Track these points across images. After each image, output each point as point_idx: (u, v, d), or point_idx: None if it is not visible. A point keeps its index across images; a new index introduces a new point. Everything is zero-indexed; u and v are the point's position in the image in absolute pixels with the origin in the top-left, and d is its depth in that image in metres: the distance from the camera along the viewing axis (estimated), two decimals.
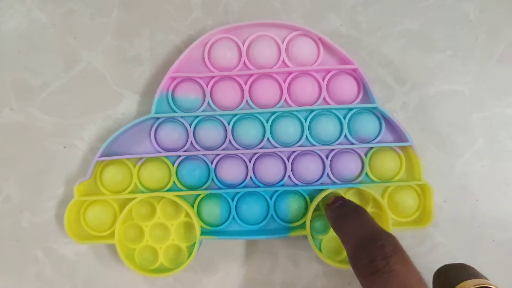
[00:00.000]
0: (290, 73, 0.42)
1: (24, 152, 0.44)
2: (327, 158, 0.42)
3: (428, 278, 0.43)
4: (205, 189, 0.42)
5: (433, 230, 0.43)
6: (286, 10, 0.44)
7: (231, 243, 0.44)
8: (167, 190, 0.42)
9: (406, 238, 0.44)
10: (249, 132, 0.41)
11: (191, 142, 0.41)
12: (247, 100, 0.41)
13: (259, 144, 0.42)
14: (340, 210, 0.37)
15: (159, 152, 0.42)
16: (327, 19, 0.44)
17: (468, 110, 0.44)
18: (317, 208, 0.42)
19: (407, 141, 0.41)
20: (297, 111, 0.42)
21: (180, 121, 0.42)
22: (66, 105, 0.44)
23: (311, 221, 0.41)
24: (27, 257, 0.44)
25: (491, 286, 0.33)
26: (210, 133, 0.41)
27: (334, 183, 0.42)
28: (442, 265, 0.36)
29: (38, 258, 0.44)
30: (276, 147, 0.41)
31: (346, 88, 0.41)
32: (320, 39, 0.41)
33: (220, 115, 0.42)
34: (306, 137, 0.41)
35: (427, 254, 0.44)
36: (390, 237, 0.31)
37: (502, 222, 0.44)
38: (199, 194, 0.42)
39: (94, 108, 0.44)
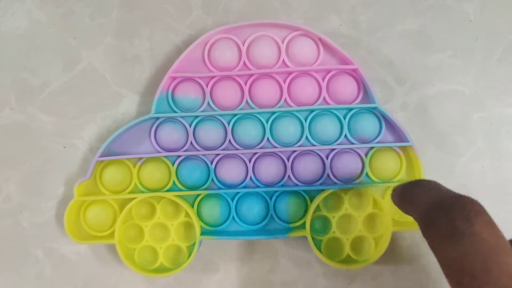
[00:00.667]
0: (290, 73, 0.42)
1: (24, 152, 0.44)
2: (327, 158, 0.42)
3: (428, 280, 0.43)
4: (205, 189, 0.42)
5: None
6: (286, 10, 0.44)
7: (231, 243, 0.44)
8: (167, 190, 0.42)
9: (406, 238, 0.44)
10: (249, 132, 0.41)
11: (191, 142, 0.41)
12: (247, 100, 0.41)
13: (259, 144, 0.42)
14: (404, 186, 0.32)
15: (159, 152, 0.42)
16: (327, 19, 0.44)
17: (468, 110, 0.44)
18: (317, 209, 0.42)
19: (407, 141, 0.41)
20: (297, 111, 0.42)
21: (180, 121, 0.42)
22: (66, 105, 0.44)
23: (311, 221, 0.41)
24: (27, 257, 0.44)
25: None
26: (210, 133, 0.41)
27: (334, 183, 0.42)
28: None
29: (38, 258, 0.44)
30: (276, 147, 0.41)
31: (346, 88, 0.41)
32: (320, 39, 0.41)
33: (220, 115, 0.42)
34: (306, 137, 0.41)
35: (428, 254, 0.44)
36: (473, 200, 0.26)
37: (502, 222, 0.44)
38: (199, 194, 0.42)
39: (94, 108, 0.44)
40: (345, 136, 0.41)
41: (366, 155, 0.42)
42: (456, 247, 0.24)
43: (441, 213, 0.26)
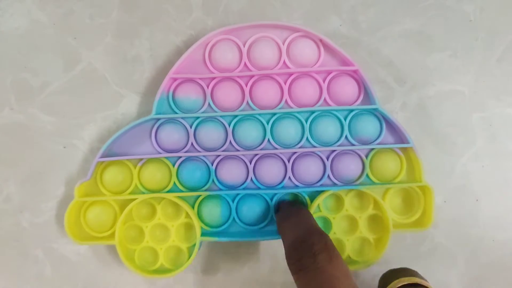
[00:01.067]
0: (291, 74, 0.42)
1: (24, 152, 0.44)
2: (327, 159, 0.42)
3: (426, 278, 0.43)
4: (206, 190, 0.42)
5: (433, 230, 0.43)
6: (286, 10, 0.44)
7: (231, 244, 0.44)
8: (168, 191, 0.42)
9: (406, 238, 0.44)
10: (250, 133, 0.41)
11: (192, 143, 0.41)
12: (247, 101, 0.41)
13: (259, 145, 0.41)
14: (282, 213, 0.39)
15: (160, 153, 0.42)
16: (327, 19, 0.44)
17: (468, 110, 0.44)
18: (317, 210, 0.42)
19: (407, 142, 0.41)
20: (297, 112, 0.42)
21: (180, 122, 0.42)
22: (66, 105, 0.44)
23: None
24: (27, 257, 0.44)
25: (423, 284, 0.35)
26: (211, 134, 0.41)
27: (334, 184, 0.42)
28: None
29: (38, 258, 0.44)
30: (277, 148, 0.41)
31: (347, 89, 0.41)
32: (320, 40, 0.41)
33: (220, 116, 0.42)
34: (307, 138, 0.41)
35: (427, 254, 0.44)
36: (321, 235, 0.33)
37: (502, 222, 0.44)
38: (200, 195, 0.42)
39: (94, 108, 0.44)
40: (346, 137, 0.41)
41: (366, 156, 0.42)
42: (304, 280, 0.30)
43: (293, 251, 0.32)
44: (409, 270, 0.39)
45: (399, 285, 0.35)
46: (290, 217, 0.37)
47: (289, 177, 0.42)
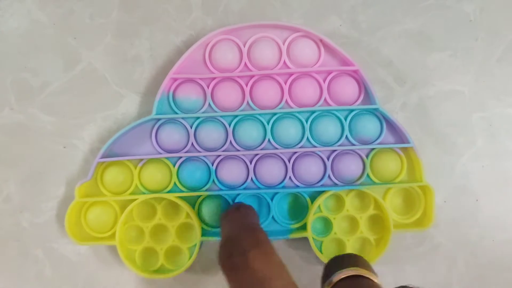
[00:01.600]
0: (291, 74, 0.42)
1: (24, 152, 0.44)
2: (328, 159, 0.42)
3: (426, 278, 0.43)
4: (206, 190, 0.42)
5: (433, 230, 0.43)
6: (286, 10, 0.44)
7: None
8: (168, 192, 0.42)
9: (406, 238, 0.44)
10: (250, 133, 0.41)
11: (192, 143, 0.41)
12: (248, 102, 0.41)
13: (260, 145, 0.41)
14: (223, 213, 0.38)
15: (160, 153, 0.42)
16: (327, 19, 0.44)
17: (468, 110, 0.44)
18: (318, 210, 0.42)
19: (408, 142, 0.41)
20: (298, 112, 0.42)
21: (181, 122, 0.42)
22: (66, 105, 0.44)
23: (312, 222, 0.41)
24: (27, 257, 0.44)
25: (366, 275, 0.33)
26: (211, 134, 0.41)
27: (335, 184, 0.42)
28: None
29: (38, 258, 0.44)
30: (277, 148, 0.41)
31: (347, 89, 0.41)
32: (321, 40, 0.41)
33: (221, 116, 0.42)
34: (307, 138, 0.41)
35: (428, 255, 0.44)
36: (252, 231, 0.32)
37: (502, 222, 0.44)
38: (200, 196, 0.42)
39: (94, 108, 0.44)
40: (346, 137, 0.41)
41: (367, 156, 0.42)
42: (235, 278, 0.29)
43: (224, 249, 0.31)
44: (354, 258, 0.36)
45: (342, 277, 0.33)
46: (227, 216, 0.37)
47: (290, 177, 0.42)
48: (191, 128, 0.41)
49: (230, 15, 0.44)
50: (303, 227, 0.42)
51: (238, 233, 0.32)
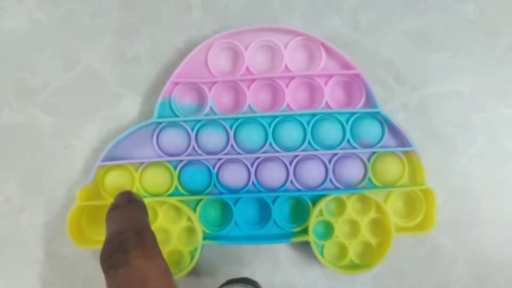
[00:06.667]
0: (293, 78, 0.42)
1: (24, 152, 0.44)
2: (329, 163, 0.42)
3: (426, 278, 0.43)
4: (207, 194, 0.42)
5: (433, 231, 0.43)
6: (286, 10, 0.44)
7: (232, 247, 0.44)
8: (169, 195, 0.42)
9: (406, 238, 0.44)
10: (251, 136, 0.41)
11: (193, 147, 0.41)
12: (249, 105, 0.41)
13: (261, 148, 0.41)
14: (111, 205, 0.37)
15: (161, 157, 0.42)
16: (327, 20, 0.44)
17: (468, 110, 0.44)
18: (319, 214, 0.42)
19: (409, 146, 0.41)
20: (299, 115, 0.41)
21: (182, 125, 0.42)
22: (66, 105, 0.44)
23: (313, 226, 0.41)
24: (27, 257, 0.44)
25: None
26: (212, 138, 0.41)
27: (336, 188, 0.42)
28: None
29: (38, 258, 0.44)
30: (279, 152, 0.41)
31: (349, 93, 0.42)
32: (322, 44, 0.41)
33: (222, 119, 0.41)
34: (309, 141, 0.41)
35: (428, 255, 0.44)
36: (139, 231, 0.31)
37: (502, 222, 0.44)
38: (201, 199, 0.42)
39: (94, 108, 0.44)
40: (348, 140, 0.41)
41: (368, 160, 0.42)
42: (115, 277, 0.29)
43: (106, 247, 0.30)
44: (247, 280, 0.38)
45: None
46: (113, 213, 0.35)
47: (291, 181, 0.42)
48: (192, 131, 0.41)
49: (230, 15, 0.44)
50: (305, 231, 0.41)
51: (122, 232, 0.31)
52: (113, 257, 0.29)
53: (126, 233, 0.31)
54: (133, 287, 0.28)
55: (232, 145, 0.41)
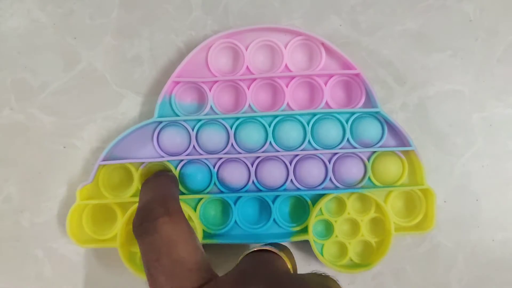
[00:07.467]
0: (293, 77, 0.42)
1: (24, 152, 0.44)
2: (329, 162, 0.42)
3: (426, 278, 0.43)
4: (207, 193, 0.42)
5: (433, 230, 0.43)
6: (286, 10, 0.44)
7: (232, 246, 0.43)
8: None
9: (406, 238, 0.44)
10: (252, 136, 0.41)
11: (194, 146, 0.41)
12: (249, 104, 0.41)
13: (261, 148, 0.41)
14: (144, 181, 0.40)
15: (162, 156, 0.42)
16: (327, 19, 0.44)
17: (468, 110, 0.44)
18: (319, 213, 0.42)
19: (409, 145, 0.41)
20: (299, 115, 0.41)
21: (182, 125, 0.42)
22: (66, 105, 0.44)
23: (313, 225, 0.41)
24: (27, 257, 0.44)
25: (276, 252, 0.35)
26: (213, 137, 0.41)
27: (336, 187, 0.42)
28: None
29: (38, 258, 0.44)
30: (279, 151, 0.41)
31: (349, 92, 0.42)
32: (322, 44, 0.41)
33: (222, 118, 0.41)
34: (309, 141, 0.41)
35: (428, 254, 0.44)
36: (165, 202, 0.34)
37: (502, 222, 0.44)
38: (201, 198, 0.42)
39: (94, 108, 0.44)
40: (348, 140, 0.41)
41: (368, 159, 0.42)
42: (145, 242, 0.31)
43: (137, 217, 0.33)
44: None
45: (253, 250, 0.36)
46: (145, 186, 0.39)
47: (291, 180, 0.42)
48: (192, 130, 0.41)
49: (230, 14, 0.44)
50: (304, 230, 0.42)
51: (151, 202, 0.34)
52: (143, 225, 0.32)
53: (153, 203, 0.34)
54: (162, 251, 0.31)
55: (232, 145, 0.41)
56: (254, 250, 0.36)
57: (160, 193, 0.36)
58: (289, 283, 0.29)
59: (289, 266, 0.35)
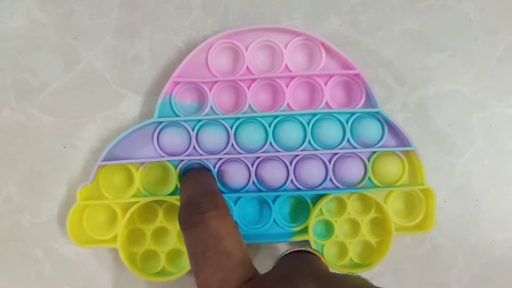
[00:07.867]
0: (293, 78, 0.42)
1: (24, 152, 0.44)
2: (329, 162, 0.42)
3: (426, 278, 0.43)
4: None
5: (433, 230, 0.43)
6: (286, 10, 0.44)
7: None
8: (170, 194, 0.42)
9: (406, 238, 0.44)
10: (252, 136, 0.41)
11: (194, 146, 0.41)
12: (249, 105, 0.41)
13: (261, 148, 0.41)
14: (184, 178, 0.40)
15: (162, 156, 0.42)
16: (327, 19, 0.44)
17: (468, 110, 0.44)
18: (319, 213, 0.42)
19: (409, 145, 0.41)
20: (299, 115, 0.41)
21: (182, 125, 0.41)
22: (66, 105, 0.44)
23: (313, 225, 0.41)
24: (27, 257, 0.44)
25: (313, 252, 0.36)
26: (213, 137, 0.41)
27: (336, 187, 0.42)
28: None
29: (38, 258, 0.44)
30: (279, 151, 0.41)
31: (349, 92, 0.42)
32: (322, 44, 0.41)
33: (222, 119, 0.41)
34: (309, 141, 0.41)
35: (428, 255, 0.44)
36: (211, 195, 0.35)
37: (502, 222, 0.44)
38: None
39: (94, 108, 0.44)
40: (348, 140, 0.41)
41: (368, 160, 0.42)
42: (191, 236, 0.32)
43: (184, 210, 0.34)
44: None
45: (290, 251, 0.36)
46: (188, 180, 0.39)
47: (291, 180, 0.42)
48: (192, 131, 0.41)
49: (230, 14, 0.44)
50: (305, 230, 0.42)
51: (198, 196, 0.35)
52: (191, 217, 0.33)
53: (201, 197, 0.35)
54: (209, 243, 0.31)
55: (232, 145, 0.41)
56: (293, 251, 0.36)
57: (206, 187, 0.37)
58: (338, 281, 0.29)
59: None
